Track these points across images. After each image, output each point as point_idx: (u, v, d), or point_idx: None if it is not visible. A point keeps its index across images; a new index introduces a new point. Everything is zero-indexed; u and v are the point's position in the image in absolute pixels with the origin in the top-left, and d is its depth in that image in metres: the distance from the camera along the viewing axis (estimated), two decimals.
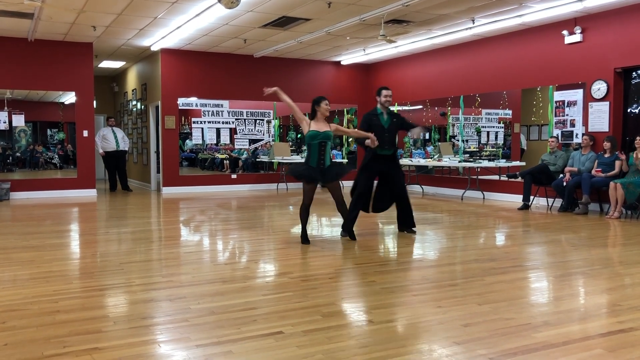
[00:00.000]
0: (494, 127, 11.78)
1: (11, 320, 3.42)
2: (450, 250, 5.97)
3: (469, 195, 10.99)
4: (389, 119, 6.47)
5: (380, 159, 6.43)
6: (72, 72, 11.59)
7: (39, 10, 8.76)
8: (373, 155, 6.39)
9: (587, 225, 7.40)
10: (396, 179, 6.51)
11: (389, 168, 6.48)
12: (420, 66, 12.63)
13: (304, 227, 6.06)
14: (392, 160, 6.51)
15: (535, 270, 4.95)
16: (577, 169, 8.65)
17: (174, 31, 10.27)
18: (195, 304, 3.76)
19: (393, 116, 6.55)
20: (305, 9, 8.69)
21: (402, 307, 3.76)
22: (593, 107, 8.95)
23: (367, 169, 6.49)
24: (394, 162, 6.54)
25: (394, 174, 6.51)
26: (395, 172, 6.52)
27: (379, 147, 6.30)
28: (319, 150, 5.88)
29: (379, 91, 6.54)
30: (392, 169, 6.50)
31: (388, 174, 6.52)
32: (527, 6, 8.56)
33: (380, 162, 6.44)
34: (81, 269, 5.06)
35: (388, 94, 6.50)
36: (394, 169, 6.52)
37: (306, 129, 5.95)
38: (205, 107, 12.77)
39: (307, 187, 5.93)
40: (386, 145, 6.38)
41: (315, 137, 5.86)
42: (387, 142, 6.39)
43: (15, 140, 12.14)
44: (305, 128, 5.96)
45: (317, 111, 5.99)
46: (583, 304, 3.93)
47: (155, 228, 7.69)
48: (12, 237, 6.56)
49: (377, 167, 6.48)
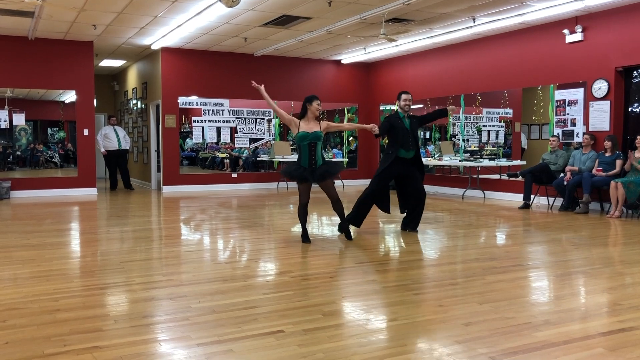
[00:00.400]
0: (494, 126, 11.77)
1: (12, 319, 3.41)
2: (451, 249, 5.97)
3: (470, 195, 10.99)
4: (408, 121, 6.53)
5: (402, 162, 6.46)
6: (72, 71, 11.58)
7: (40, 9, 8.75)
8: (396, 157, 6.41)
9: (588, 225, 7.39)
10: (417, 181, 6.51)
11: (410, 170, 6.49)
12: (421, 65, 12.62)
13: (304, 226, 6.05)
14: (415, 162, 6.54)
15: (536, 269, 4.95)
16: (577, 168, 8.65)
17: (175, 30, 10.27)
18: (195, 302, 3.76)
19: (412, 118, 6.62)
20: (305, 7, 8.68)
21: (402, 306, 3.76)
22: (594, 106, 8.95)
23: (387, 170, 6.46)
24: (417, 164, 6.56)
25: (415, 175, 6.50)
26: (415, 174, 6.51)
27: (403, 149, 6.39)
28: (309, 151, 5.85)
29: (399, 95, 6.64)
30: (413, 171, 6.50)
31: (408, 175, 6.50)
32: (528, 5, 8.55)
33: (402, 164, 6.46)
34: (82, 267, 5.06)
35: (407, 98, 6.57)
36: (416, 171, 6.52)
37: (295, 130, 5.93)
38: (206, 106, 12.76)
39: (301, 187, 5.92)
40: (411, 146, 6.44)
41: (304, 139, 5.85)
42: (411, 144, 6.45)
43: (15, 139, 12.14)
44: (294, 129, 5.94)
45: (308, 109, 5.97)
46: (584, 303, 3.92)
47: (156, 227, 7.69)
48: (13, 236, 6.57)
49: (397, 169, 6.47)
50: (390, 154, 6.44)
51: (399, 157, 6.42)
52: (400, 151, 6.40)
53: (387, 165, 6.44)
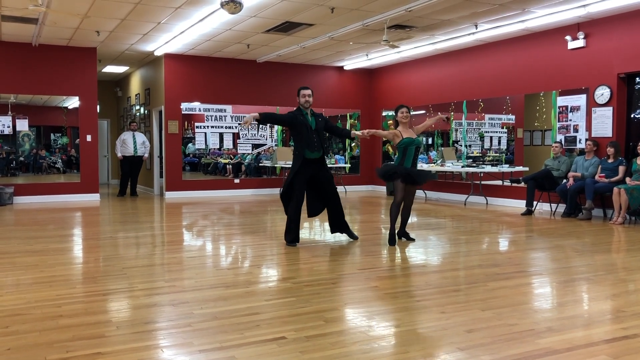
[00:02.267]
0: (497, 132, 11.77)
1: (14, 325, 3.42)
2: (453, 255, 5.96)
3: (472, 201, 10.98)
4: (313, 120, 6.25)
5: (310, 163, 6.18)
6: (75, 77, 11.63)
7: (44, 16, 8.80)
8: (303, 159, 6.14)
9: (591, 231, 7.38)
10: (327, 182, 6.32)
11: (318, 171, 6.25)
12: (423, 71, 12.64)
13: (393, 226, 6.30)
14: (322, 163, 6.30)
15: (539, 275, 4.94)
16: (580, 174, 8.64)
17: (178, 36, 10.31)
18: (198, 309, 3.76)
19: (317, 117, 6.31)
20: (308, 14, 8.71)
21: (405, 312, 3.75)
22: (596, 112, 8.94)
23: (299, 174, 6.17)
24: (323, 165, 6.32)
25: (324, 177, 6.30)
26: (324, 174, 6.30)
27: (307, 150, 6.13)
28: (415, 154, 6.20)
29: (298, 91, 6.34)
30: (321, 172, 6.27)
31: (318, 177, 6.27)
32: (530, 12, 8.57)
33: (311, 166, 6.19)
34: (84, 273, 5.06)
35: (306, 94, 6.24)
36: (323, 171, 6.30)
37: (397, 139, 6.19)
38: (209, 112, 12.80)
39: (401, 185, 6.17)
40: (315, 147, 6.18)
41: (411, 143, 6.15)
42: (316, 144, 6.18)
43: (18, 145, 12.16)
44: (397, 139, 6.20)
45: (398, 120, 6.27)
46: (587, 310, 3.91)
47: (158, 233, 7.70)
48: (16, 242, 6.58)
49: (308, 171, 6.20)
50: (299, 156, 6.18)
51: (307, 158, 6.16)
52: (307, 151, 6.15)
53: (298, 167, 6.14)
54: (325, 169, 6.38)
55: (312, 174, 6.25)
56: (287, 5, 8.23)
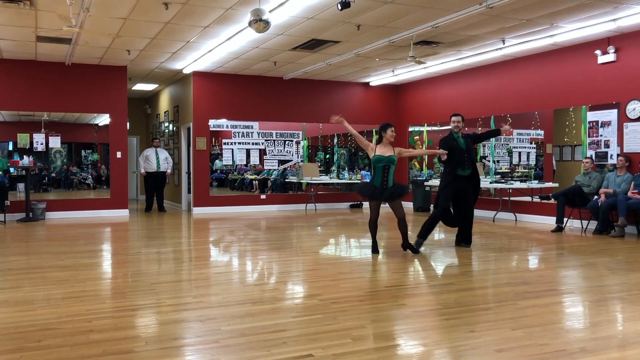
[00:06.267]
0: (525, 147, 11.63)
1: (46, 339, 3.47)
2: (482, 273, 5.88)
3: (501, 217, 10.83)
4: (464, 141, 7.03)
5: (460, 179, 6.97)
6: (106, 95, 11.89)
7: (77, 36, 9.04)
8: (455, 176, 6.93)
9: (624, 249, 7.20)
10: (469, 199, 7.03)
11: (467, 187, 6.99)
12: (449, 86, 12.59)
13: (374, 238, 6.71)
14: (472, 179, 7.03)
15: (571, 294, 4.83)
16: (612, 190, 8.46)
17: (206, 54, 10.48)
18: (225, 325, 3.77)
19: (466, 137, 7.12)
20: (334, 31, 8.77)
21: (433, 331, 3.70)
22: (628, 127, 8.78)
23: (448, 187, 6.96)
24: (474, 180, 7.05)
25: (469, 193, 7.02)
26: (470, 191, 7.02)
27: (459, 168, 6.92)
28: (382, 172, 6.47)
29: (451, 118, 7.18)
30: (469, 188, 7.00)
31: (464, 192, 6.99)
32: (559, 26, 8.49)
33: (461, 181, 6.97)
34: (113, 288, 5.13)
35: (456, 120, 7.07)
36: (471, 188, 7.03)
37: (371, 153, 6.57)
38: (236, 129, 12.93)
39: (372, 204, 6.57)
40: (466, 165, 6.95)
41: (380, 161, 6.45)
42: (467, 163, 6.95)
43: (51, 161, 12.45)
44: (371, 153, 6.59)
45: (383, 136, 6.62)
46: (621, 331, 3.81)
47: (186, 248, 7.77)
48: (47, 257, 6.70)
49: (458, 185, 6.96)
50: (449, 173, 6.95)
51: (457, 175, 6.93)
52: (457, 170, 6.91)
53: (448, 182, 6.95)
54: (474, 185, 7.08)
55: (461, 188, 6.99)
56: (313, 24, 8.31)
